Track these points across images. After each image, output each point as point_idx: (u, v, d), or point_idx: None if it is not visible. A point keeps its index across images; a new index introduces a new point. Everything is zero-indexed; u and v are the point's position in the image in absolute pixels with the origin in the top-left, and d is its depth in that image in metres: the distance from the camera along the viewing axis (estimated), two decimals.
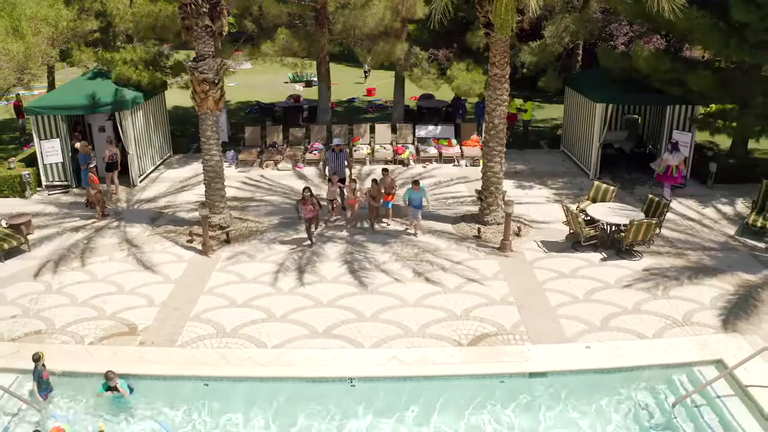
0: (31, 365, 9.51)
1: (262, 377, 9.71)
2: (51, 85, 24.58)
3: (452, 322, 11.07)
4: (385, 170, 15.46)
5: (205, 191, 14.42)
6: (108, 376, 9.31)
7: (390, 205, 15.28)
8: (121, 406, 9.39)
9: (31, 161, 18.90)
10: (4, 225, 14.88)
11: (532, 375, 9.72)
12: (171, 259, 13.60)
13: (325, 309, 11.46)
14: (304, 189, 13.79)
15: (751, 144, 19.23)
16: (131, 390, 9.49)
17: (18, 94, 24.43)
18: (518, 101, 22.38)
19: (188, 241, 14.30)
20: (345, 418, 9.11)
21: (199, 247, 13.82)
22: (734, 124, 17.84)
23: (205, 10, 12.87)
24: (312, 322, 10.94)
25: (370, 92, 30.30)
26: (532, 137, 22.60)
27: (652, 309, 11.48)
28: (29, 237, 14.68)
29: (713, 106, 19.18)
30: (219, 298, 11.99)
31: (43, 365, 9.54)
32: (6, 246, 13.99)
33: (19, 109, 24.47)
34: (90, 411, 9.34)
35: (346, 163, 16.28)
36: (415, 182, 14.36)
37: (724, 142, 19.75)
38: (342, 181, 15.79)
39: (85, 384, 9.67)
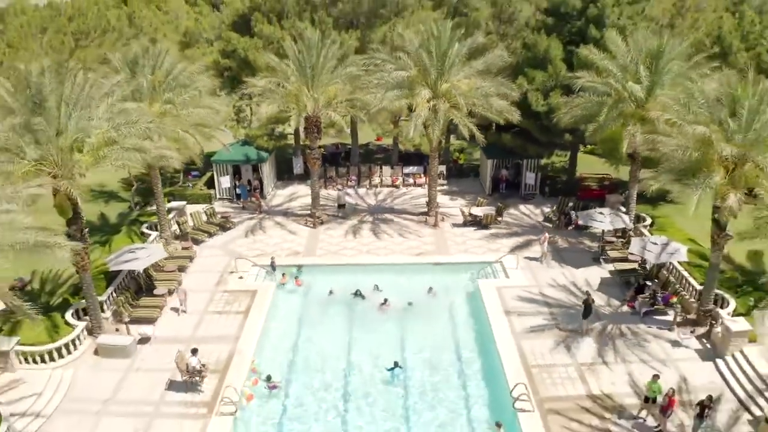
0: (264, 262, 29.06)
1: (346, 264, 29.39)
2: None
3: (409, 249, 30.71)
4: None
5: (312, 201, 33.94)
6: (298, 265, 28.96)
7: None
8: (299, 274, 28.86)
9: (207, 185, 38.75)
10: (221, 217, 34.55)
11: (435, 264, 29.34)
12: (301, 229, 33.29)
13: (365, 245, 30.93)
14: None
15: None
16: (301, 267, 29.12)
17: None
18: (458, 150, 42.08)
19: (305, 223, 33.92)
20: (371, 276, 28.52)
21: (311, 225, 33.42)
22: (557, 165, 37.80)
23: (315, 128, 32.33)
24: (360, 248, 30.57)
25: (378, 139, 49.71)
26: (466, 171, 42.23)
27: (484, 246, 31.06)
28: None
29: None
30: (326, 243, 31.66)
31: (274, 261, 29.05)
32: (228, 225, 33.70)
33: None
34: (292, 274, 28.86)
35: (346, 196, 35.51)
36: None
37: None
38: (343, 206, 35.00)
39: (286, 270, 29.13)
